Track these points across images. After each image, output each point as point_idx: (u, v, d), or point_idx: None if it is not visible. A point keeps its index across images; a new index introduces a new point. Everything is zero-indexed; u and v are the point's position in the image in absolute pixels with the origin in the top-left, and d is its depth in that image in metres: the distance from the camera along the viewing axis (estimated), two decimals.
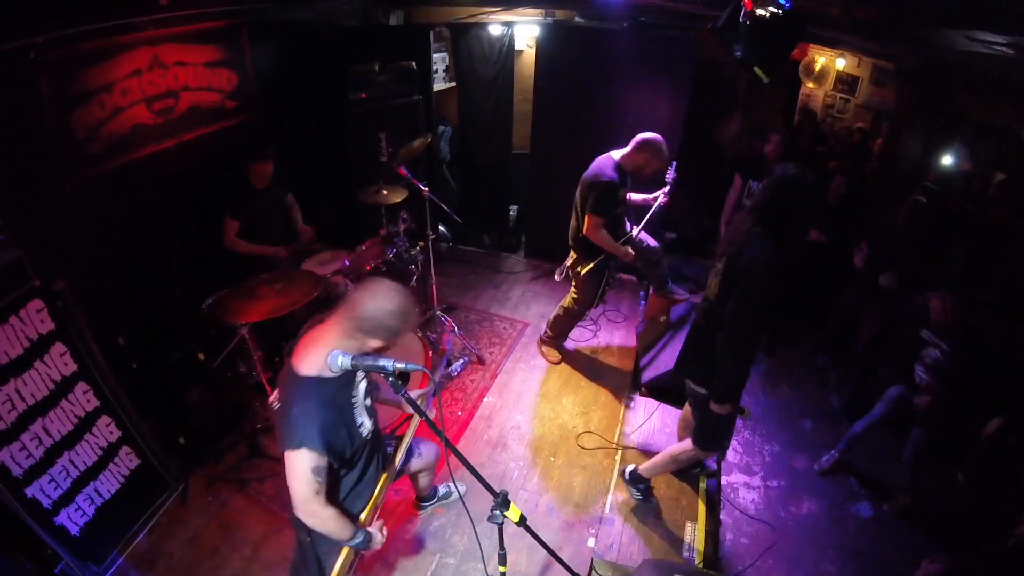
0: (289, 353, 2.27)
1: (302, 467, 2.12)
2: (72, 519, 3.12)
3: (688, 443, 3.59)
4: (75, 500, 3.15)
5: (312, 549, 2.51)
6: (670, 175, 4.60)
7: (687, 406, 3.85)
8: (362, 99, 5.52)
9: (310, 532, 2.41)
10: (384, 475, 2.64)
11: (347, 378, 2.28)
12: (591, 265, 4.62)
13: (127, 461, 3.49)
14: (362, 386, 2.39)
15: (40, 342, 2.96)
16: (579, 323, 5.40)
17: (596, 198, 4.31)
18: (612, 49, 5.66)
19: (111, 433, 3.39)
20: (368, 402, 2.45)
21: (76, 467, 3.16)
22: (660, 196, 4.61)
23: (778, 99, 8.50)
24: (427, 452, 3.20)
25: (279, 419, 2.19)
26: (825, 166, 6.65)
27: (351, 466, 2.43)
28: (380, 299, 2.14)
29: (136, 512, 3.56)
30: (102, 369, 3.31)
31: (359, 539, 2.40)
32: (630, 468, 3.96)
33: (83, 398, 3.21)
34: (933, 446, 4.03)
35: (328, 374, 2.17)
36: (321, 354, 2.14)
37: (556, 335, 5.30)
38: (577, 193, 4.50)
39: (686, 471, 4.09)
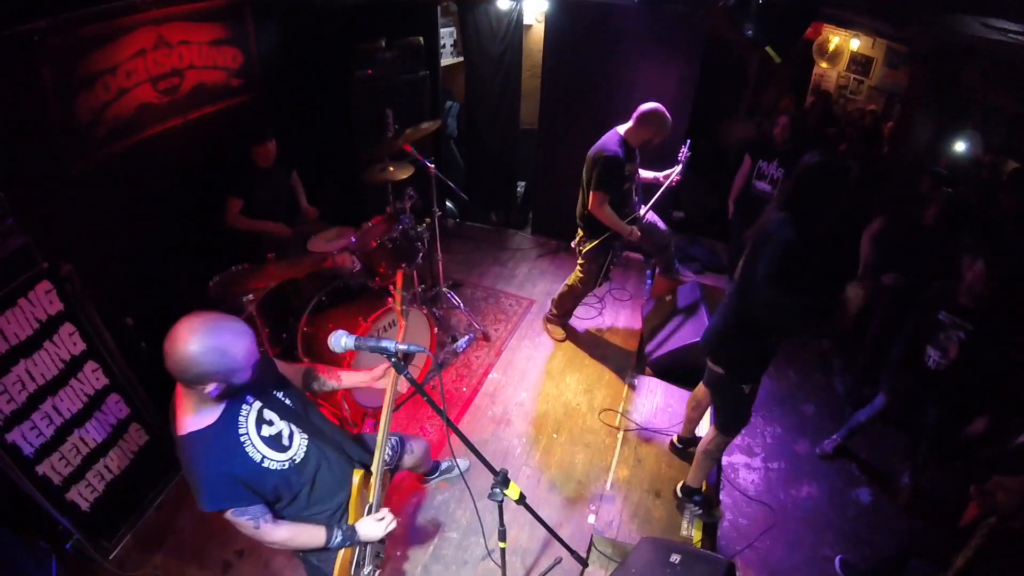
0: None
1: (227, 518, 2.08)
2: (83, 496, 3.19)
3: (711, 432, 3.57)
4: (85, 477, 3.21)
5: (307, 560, 2.51)
6: (683, 154, 4.53)
7: (700, 385, 3.84)
8: (368, 76, 5.47)
9: None
10: (359, 473, 2.44)
11: (225, 421, 2.07)
12: (594, 243, 4.61)
13: (136, 438, 3.56)
14: (250, 420, 2.15)
15: (49, 323, 2.98)
16: (585, 302, 5.41)
17: (599, 173, 4.26)
18: (621, 25, 5.58)
19: (120, 410, 3.44)
20: (273, 432, 2.21)
21: (86, 444, 3.22)
22: (672, 175, 4.57)
23: (790, 78, 8.37)
24: (418, 449, 3.15)
25: None
26: (835, 148, 6.58)
27: (282, 500, 2.25)
28: (181, 344, 1.85)
29: (146, 488, 3.65)
30: (111, 348, 3.34)
31: (339, 539, 2.29)
32: (680, 485, 3.92)
33: (92, 377, 3.25)
34: (945, 433, 3.99)
35: (200, 426, 2.02)
36: (182, 409, 2.04)
37: (561, 314, 5.31)
38: (584, 169, 4.46)
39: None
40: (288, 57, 5.01)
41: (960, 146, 5.68)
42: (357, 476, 2.43)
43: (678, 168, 4.56)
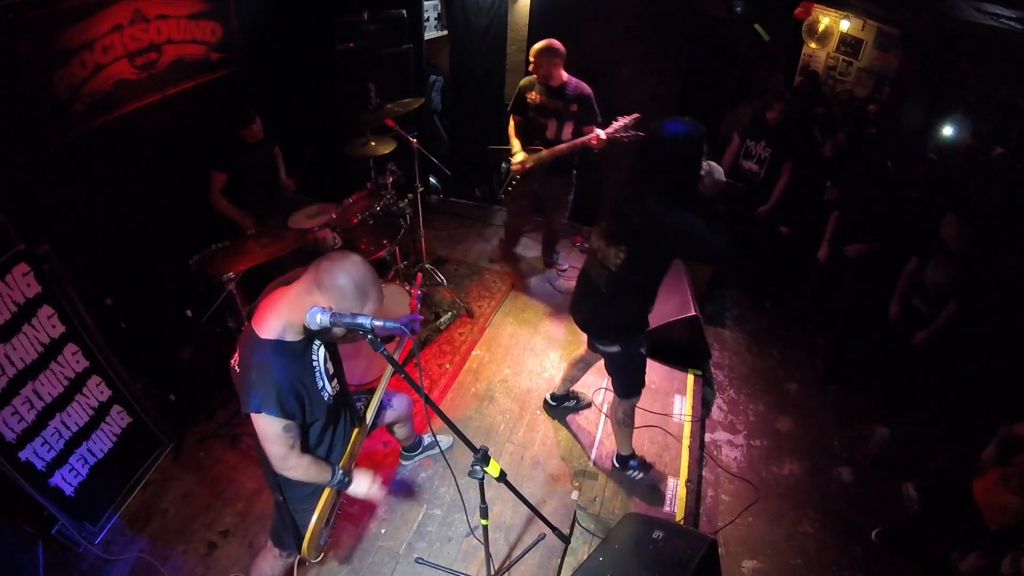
0: (250, 316, 2.22)
1: (269, 430, 2.14)
2: (66, 480, 3.16)
3: (615, 401, 3.62)
4: (68, 461, 3.18)
5: (286, 508, 2.56)
6: (616, 126, 4.45)
7: (585, 348, 3.82)
8: (350, 49, 5.34)
9: (283, 492, 2.49)
10: (356, 430, 2.66)
11: (306, 343, 2.21)
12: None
13: (119, 420, 3.52)
14: (321, 353, 2.31)
15: (27, 306, 2.93)
16: (571, 278, 5.44)
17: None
18: None
19: (102, 393, 3.40)
20: (330, 367, 2.39)
21: (68, 428, 3.19)
22: (590, 136, 4.53)
23: (779, 58, 8.32)
24: (399, 403, 3.20)
25: (239, 382, 2.16)
26: (823, 128, 6.57)
27: (311, 428, 2.39)
28: (360, 265, 2.07)
29: (130, 470, 3.62)
30: (91, 330, 3.30)
31: (338, 478, 2.47)
32: (615, 456, 3.95)
33: (72, 359, 3.21)
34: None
35: (288, 338, 2.12)
36: (280, 317, 2.10)
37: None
38: None
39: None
40: (269, 31, 4.90)
41: (948, 130, 5.69)
42: (354, 432, 2.66)
43: (599, 132, 4.47)
